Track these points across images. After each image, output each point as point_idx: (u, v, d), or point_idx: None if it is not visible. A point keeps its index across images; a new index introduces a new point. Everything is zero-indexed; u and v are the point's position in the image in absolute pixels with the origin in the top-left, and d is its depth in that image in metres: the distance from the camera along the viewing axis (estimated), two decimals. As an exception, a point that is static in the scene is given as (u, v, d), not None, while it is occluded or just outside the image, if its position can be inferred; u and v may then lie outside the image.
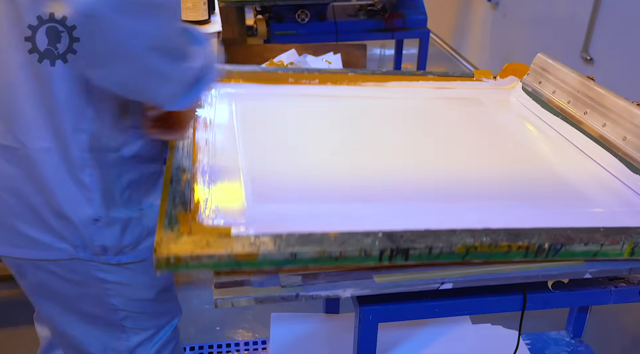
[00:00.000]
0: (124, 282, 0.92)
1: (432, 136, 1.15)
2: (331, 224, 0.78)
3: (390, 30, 2.83)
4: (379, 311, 0.82)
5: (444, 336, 1.53)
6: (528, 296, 0.85)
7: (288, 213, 0.82)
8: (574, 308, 1.59)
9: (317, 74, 1.33)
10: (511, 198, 0.93)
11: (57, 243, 0.86)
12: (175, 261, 0.69)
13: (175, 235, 0.72)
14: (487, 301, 0.85)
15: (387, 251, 0.74)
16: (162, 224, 0.74)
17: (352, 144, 1.08)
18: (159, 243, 0.71)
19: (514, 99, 1.35)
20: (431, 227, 0.78)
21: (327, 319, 1.61)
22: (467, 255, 0.76)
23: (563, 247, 0.78)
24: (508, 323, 1.57)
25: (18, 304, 1.90)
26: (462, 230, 0.78)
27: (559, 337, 1.62)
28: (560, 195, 0.95)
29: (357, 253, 0.73)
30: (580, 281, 0.86)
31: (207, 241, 0.72)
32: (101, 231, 0.86)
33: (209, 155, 0.96)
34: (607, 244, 0.79)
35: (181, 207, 0.78)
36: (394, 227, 0.78)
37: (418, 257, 0.75)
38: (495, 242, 0.76)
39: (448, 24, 4.57)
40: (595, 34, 2.58)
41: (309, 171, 0.96)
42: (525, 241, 0.77)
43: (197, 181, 0.88)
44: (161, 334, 1.03)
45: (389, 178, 0.96)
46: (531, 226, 0.81)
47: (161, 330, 1.03)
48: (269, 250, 0.71)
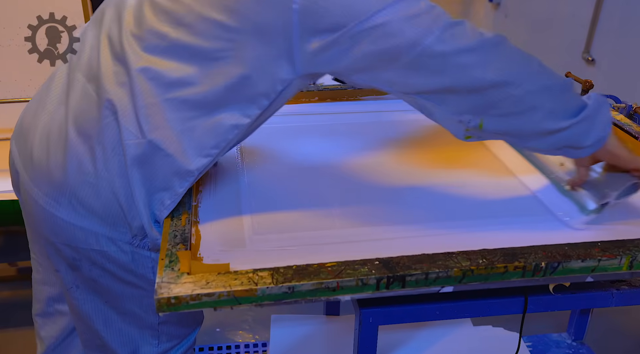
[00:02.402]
0: None
1: (429, 154, 1.14)
2: (328, 253, 0.79)
3: (391, 31, 2.82)
4: (380, 314, 0.82)
5: (445, 338, 1.53)
6: (529, 299, 0.84)
7: (286, 244, 0.84)
8: (576, 310, 1.58)
9: (315, 92, 1.36)
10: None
11: (119, 226, 0.87)
12: (175, 302, 0.71)
13: (175, 275, 0.74)
14: (488, 303, 0.84)
15: (384, 279, 0.75)
16: (163, 264, 0.75)
17: (352, 167, 1.08)
18: (160, 285, 0.72)
19: None
20: (427, 251, 0.79)
21: (328, 321, 1.61)
22: (464, 278, 0.77)
23: (560, 265, 0.78)
24: (509, 325, 1.57)
25: (19, 306, 1.90)
26: (459, 252, 0.79)
27: (561, 339, 1.61)
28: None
29: (354, 283, 0.74)
30: (581, 284, 0.86)
31: (207, 280, 0.73)
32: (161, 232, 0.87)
33: (209, 189, 0.99)
34: (605, 260, 0.78)
35: (182, 244, 0.80)
36: (391, 253, 0.78)
37: (415, 284, 0.76)
38: (491, 263, 0.77)
39: (449, 24, 4.56)
40: (597, 34, 2.57)
41: (306, 198, 0.98)
42: (522, 260, 0.78)
43: (197, 216, 0.90)
44: (183, 343, 1.05)
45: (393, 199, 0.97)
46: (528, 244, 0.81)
47: (184, 339, 1.04)
48: (267, 285, 0.72)
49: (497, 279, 0.78)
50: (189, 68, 0.81)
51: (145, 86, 0.81)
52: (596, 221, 0.88)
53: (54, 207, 0.88)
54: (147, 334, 0.98)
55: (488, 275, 0.77)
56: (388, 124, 1.26)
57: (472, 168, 1.08)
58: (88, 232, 0.88)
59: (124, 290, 0.93)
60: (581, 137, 0.85)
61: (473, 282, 0.77)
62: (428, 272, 0.75)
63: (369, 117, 1.30)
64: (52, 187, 0.88)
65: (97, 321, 0.98)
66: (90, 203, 0.86)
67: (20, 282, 2.01)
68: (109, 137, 0.83)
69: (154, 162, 0.83)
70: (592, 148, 0.86)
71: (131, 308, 0.96)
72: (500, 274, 0.77)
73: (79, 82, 0.87)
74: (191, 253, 0.79)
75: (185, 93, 0.81)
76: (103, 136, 0.84)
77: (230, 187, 1.00)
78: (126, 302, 0.95)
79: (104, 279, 0.92)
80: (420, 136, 1.22)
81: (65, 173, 0.86)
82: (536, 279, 0.79)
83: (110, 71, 0.84)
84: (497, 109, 0.82)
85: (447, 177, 1.05)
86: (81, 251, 0.90)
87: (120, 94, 0.82)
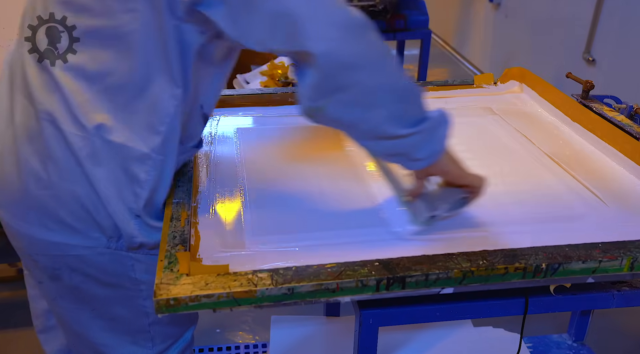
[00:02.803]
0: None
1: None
2: (328, 256, 0.79)
3: (391, 31, 2.82)
4: (380, 315, 0.82)
5: (445, 339, 1.52)
6: (530, 300, 0.84)
7: (286, 245, 0.84)
8: (576, 311, 1.58)
9: None
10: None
11: (92, 232, 0.87)
12: (174, 303, 0.71)
13: (174, 276, 0.73)
14: (489, 305, 0.84)
15: (383, 281, 0.74)
16: (162, 265, 0.75)
17: (353, 168, 1.07)
18: (159, 286, 0.72)
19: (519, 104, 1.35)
20: (428, 252, 0.79)
21: (328, 322, 1.60)
22: (464, 280, 0.76)
23: (560, 267, 0.78)
24: (510, 326, 1.56)
25: (19, 306, 1.90)
26: (459, 253, 0.78)
27: (561, 340, 1.61)
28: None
29: (353, 285, 0.74)
30: (582, 285, 0.86)
31: (206, 281, 0.73)
32: (140, 227, 0.87)
33: (209, 190, 0.99)
34: (606, 261, 0.78)
35: (181, 245, 0.80)
36: (391, 255, 0.78)
37: (415, 285, 0.75)
38: (491, 265, 0.77)
39: (450, 24, 4.56)
40: (598, 35, 2.57)
41: (307, 199, 0.97)
42: (522, 262, 0.77)
43: (196, 216, 0.90)
44: (179, 342, 1.04)
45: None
46: (529, 245, 0.81)
47: (179, 338, 1.04)
48: (267, 286, 0.72)
49: (497, 281, 0.78)
50: (105, 55, 0.80)
51: (73, 86, 0.81)
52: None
53: (24, 227, 0.89)
54: (139, 338, 0.97)
55: (488, 276, 0.77)
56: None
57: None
58: (62, 245, 0.88)
59: (108, 294, 0.92)
60: (416, 148, 0.83)
61: (473, 283, 0.77)
62: (428, 273, 0.75)
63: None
64: (16, 207, 0.88)
65: (86, 331, 0.97)
66: (57, 214, 0.86)
67: (21, 282, 2.00)
68: (54, 145, 0.83)
69: (108, 155, 0.83)
70: (425, 162, 0.85)
71: (119, 313, 0.95)
72: (501, 275, 0.77)
73: (18, 101, 0.87)
74: (190, 254, 0.79)
75: (111, 81, 0.81)
76: (49, 146, 0.83)
77: (229, 188, 1.00)
78: (112, 307, 0.94)
79: (86, 284, 0.91)
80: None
81: (25, 191, 0.86)
82: (537, 280, 0.79)
83: (38, 82, 0.84)
84: (344, 94, 0.77)
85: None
86: (58, 259, 0.90)
87: (52, 101, 0.82)
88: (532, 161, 1.10)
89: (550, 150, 1.14)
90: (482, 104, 1.35)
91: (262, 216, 0.92)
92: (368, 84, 0.77)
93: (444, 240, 0.86)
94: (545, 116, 1.29)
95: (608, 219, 0.92)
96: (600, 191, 0.99)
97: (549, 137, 1.20)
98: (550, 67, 2.94)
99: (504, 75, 1.44)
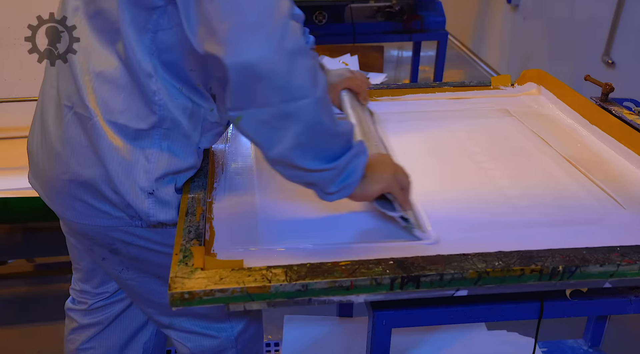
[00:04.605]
0: None
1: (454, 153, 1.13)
2: (342, 254, 0.79)
3: (408, 32, 2.81)
4: (393, 317, 0.82)
5: (458, 342, 1.52)
6: (545, 304, 0.83)
7: (300, 242, 0.84)
8: (593, 316, 1.56)
9: None
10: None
11: (115, 212, 0.91)
12: (189, 297, 0.71)
13: (189, 270, 0.74)
14: (503, 308, 0.83)
15: (398, 279, 0.74)
16: (176, 259, 0.76)
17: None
18: (174, 279, 0.72)
19: (537, 106, 1.34)
20: (442, 252, 0.78)
21: (341, 322, 1.60)
22: (479, 280, 0.76)
23: (578, 270, 0.77)
24: (524, 330, 1.55)
25: (37, 301, 1.93)
26: (475, 254, 0.78)
27: (577, 346, 1.59)
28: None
29: (367, 283, 0.74)
30: (599, 290, 0.84)
31: (220, 276, 0.73)
32: (154, 206, 0.89)
33: (224, 185, 0.99)
34: (624, 265, 0.77)
35: (195, 240, 0.80)
36: (406, 254, 0.78)
37: (429, 285, 0.75)
38: (507, 266, 0.76)
39: (467, 26, 4.53)
40: (618, 37, 2.54)
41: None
42: (539, 264, 0.76)
43: (212, 212, 0.91)
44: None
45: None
46: (545, 248, 0.80)
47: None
48: (281, 282, 0.72)
49: (513, 282, 0.77)
50: (110, 48, 0.84)
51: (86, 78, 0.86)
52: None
53: (67, 214, 0.95)
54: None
55: (504, 278, 0.76)
56: (398, 125, 1.25)
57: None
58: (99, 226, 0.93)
59: (166, 260, 0.92)
60: (327, 182, 0.81)
61: (488, 284, 0.76)
62: (443, 273, 0.75)
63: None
64: (55, 195, 0.94)
65: (157, 298, 1.02)
66: (83, 198, 0.91)
67: (37, 277, 2.04)
68: (72, 130, 0.88)
69: (114, 136, 0.86)
70: (337, 196, 0.83)
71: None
72: (517, 277, 0.76)
73: (52, 99, 0.93)
74: (205, 249, 0.79)
75: (111, 75, 0.84)
76: (67, 130, 0.88)
77: (244, 184, 1.00)
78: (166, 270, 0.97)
79: (144, 254, 0.96)
80: (430, 141, 1.21)
81: (55, 178, 0.92)
82: (553, 284, 0.78)
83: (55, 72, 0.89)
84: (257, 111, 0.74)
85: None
86: (108, 236, 0.94)
87: (70, 87, 0.87)
88: (549, 164, 1.09)
89: (567, 153, 1.13)
90: (499, 105, 1.34)
91: (276, 213, 0.93)
92: (282, 109, 0.73)
93: (459, 240, 0.85)
94: (563, 119, 1.27)
95: (626, 223, 0.91)
96: (618, 194, 0.98)
97: (567, 139, 1.18)
98: (569, 69, 2.91)
99: (522, 77, 1.42)
